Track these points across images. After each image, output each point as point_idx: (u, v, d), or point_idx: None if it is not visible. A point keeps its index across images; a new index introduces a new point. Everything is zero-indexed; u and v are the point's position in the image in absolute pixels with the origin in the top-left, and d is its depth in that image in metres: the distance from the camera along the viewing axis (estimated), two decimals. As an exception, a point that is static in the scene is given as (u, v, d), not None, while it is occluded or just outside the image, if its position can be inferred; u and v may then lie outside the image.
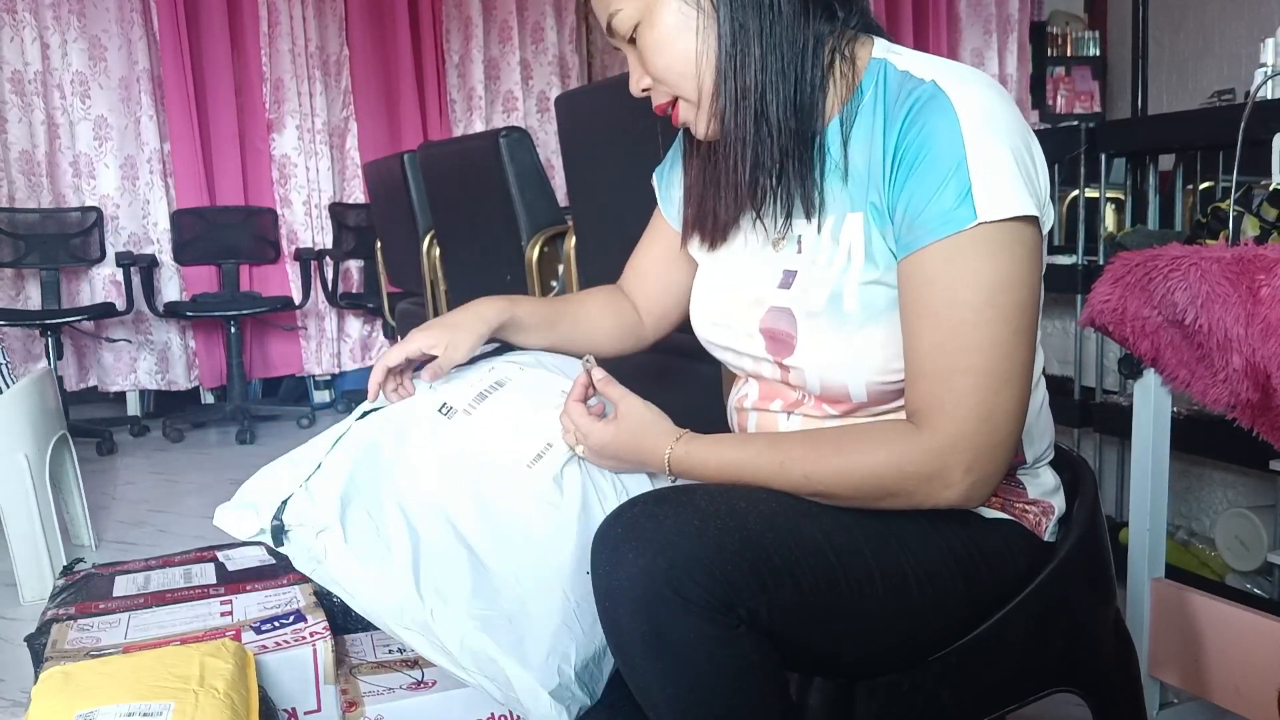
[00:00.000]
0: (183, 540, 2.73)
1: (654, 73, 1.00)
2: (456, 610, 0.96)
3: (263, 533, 1.03)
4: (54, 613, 1.67)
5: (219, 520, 1.05)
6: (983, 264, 0.88)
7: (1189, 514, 2.14)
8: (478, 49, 5.15)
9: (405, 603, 0.97)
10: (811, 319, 0.99)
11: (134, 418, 4.56)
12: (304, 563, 1.03)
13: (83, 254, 4.42)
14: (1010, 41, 5.85)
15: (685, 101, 1.00)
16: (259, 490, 1.05)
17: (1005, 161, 0.89)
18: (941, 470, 0.90)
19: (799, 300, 1.00)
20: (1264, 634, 1.35)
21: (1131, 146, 2.30)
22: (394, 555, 0.98)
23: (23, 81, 4.38)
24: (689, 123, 1.02)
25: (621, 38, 1.00)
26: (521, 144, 2.38)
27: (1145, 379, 1.46)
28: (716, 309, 1.11)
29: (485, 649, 0.95)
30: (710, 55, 0.96)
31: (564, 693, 0.94)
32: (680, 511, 0.88)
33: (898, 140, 0.93)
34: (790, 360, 1.02)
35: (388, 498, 1.02)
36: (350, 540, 0.99)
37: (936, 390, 0.90)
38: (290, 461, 1.06)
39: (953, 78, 0.92)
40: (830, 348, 0.98)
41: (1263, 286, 1.21)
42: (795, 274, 1.02)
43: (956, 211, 0.88)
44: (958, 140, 0.88)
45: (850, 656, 0.97)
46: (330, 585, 1.02)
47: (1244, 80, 2.35)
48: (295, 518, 1.01)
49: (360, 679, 1.58)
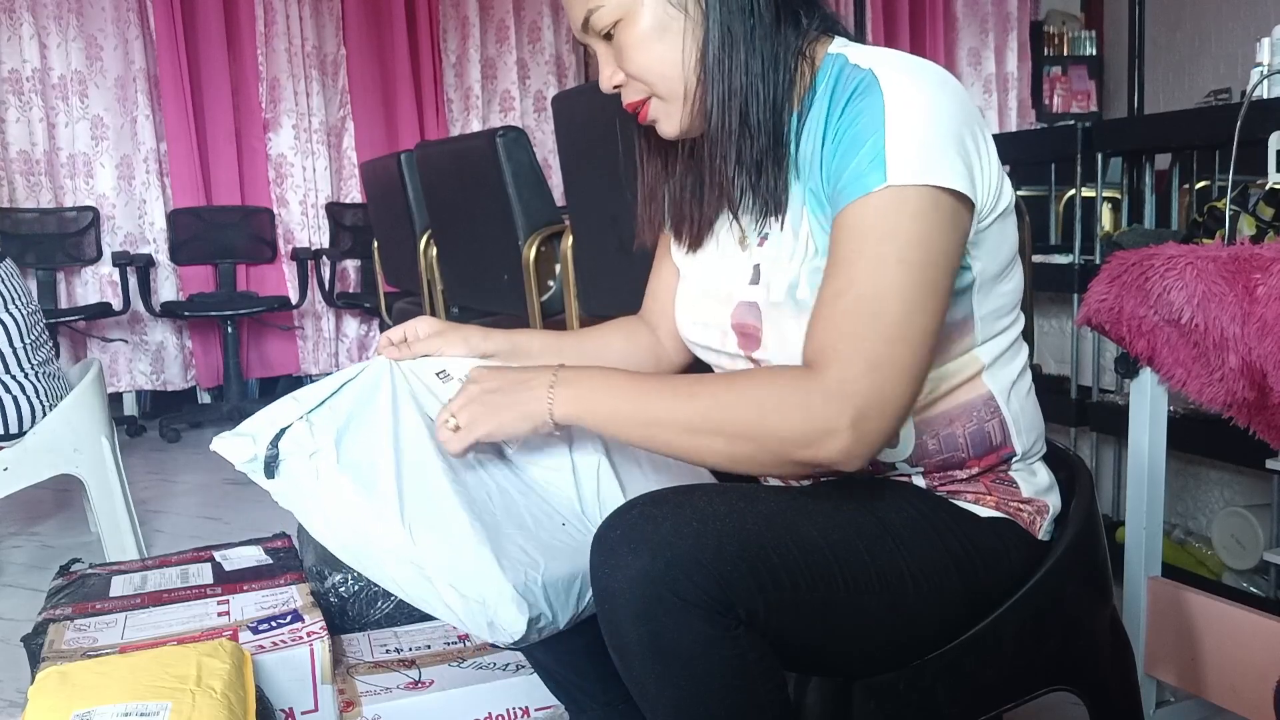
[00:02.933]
0: (180, 541, 2.73)
1: (632, 70, 1.00)
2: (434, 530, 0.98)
3: (255, 461, 1.04)
4: (51, 613, 1.67)
5: (216, 445, 1.06)
6: (893, 221, 0.89)
7: (1185, 513, 2.14)
8: (474, 48, 5.15)
9: (389, 526, 0.98)
10: (774, 309, 1.01)
11: (130, 418, 4.56)
12: (290, 496, 1.03)
13: (79, 254, 4.41)
14: (1010, 40, 5.85)
15: (658, 99, 1.01)
16: (260, 422, 1.07)
17: (928, 134, 0.90)
18: (826, 415, 0.87)
19: (763, 294, 1.02)
20: (1260, 632, 1.36)
21: (1128, 146, 2.31)
22: (380, 482, 1.00)
23: (20, 81, 4.37)
24: (658, 120, 1.03)
25: (597, 34, 1.01)
26: (518, 143, 2.38)
27: (1142, 378, 1.46)
28: (695, 309, 1.12)
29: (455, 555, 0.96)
30: (693, 57, 0.98)
31: (528, 593, 0.95)
32: (678, 513, 0.88)
33: (829, 126, 0.96)
34: (758, 354, 1.03)
35: (382, 436, 1.05)
36: (343, 463, 1.01)
37: (829, 334, 0.89)
38: (294, 398, 1.08)
39: (891, 67, 0.93)
40: (793, 336, 0.99)
41: (1259, 285, 1.21)
42: (760, 267, 1.04)
43: (869, 175, 0.90)
44: (879, 116, 0.91)
45: (847, 656, 0.98)
46: (313, 517, 1.03)
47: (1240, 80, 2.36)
48: (292, 445, 1.03)
49: (357, 679, 1.58)
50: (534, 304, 2.38)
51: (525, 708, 1.56)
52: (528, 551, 0.99)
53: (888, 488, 1.04)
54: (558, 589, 0.98)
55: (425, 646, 1.69)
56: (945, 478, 1.04)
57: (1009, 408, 1.03)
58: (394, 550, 0.98)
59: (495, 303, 2.70)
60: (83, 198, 4.47)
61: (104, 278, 4.50)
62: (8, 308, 2.40)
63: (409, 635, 1.74)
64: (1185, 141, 2.21)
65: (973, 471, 1.04)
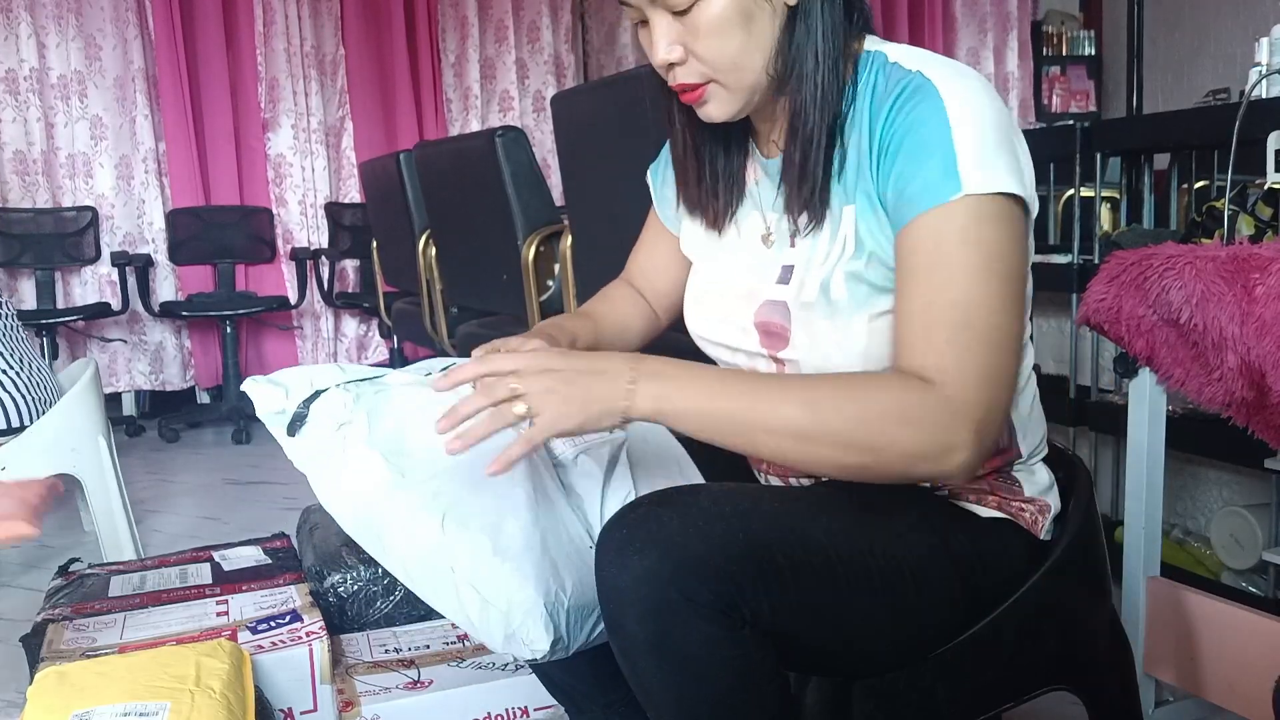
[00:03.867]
0: (178, 541, 2.73)
1: (705, 53, 0.96)
2: (468, 528, 0.94)
3: (282, 414, 0.99)
4: (49, 613, 1.67)
5: (248, 386, 1.03)
6: (973, 231, 0.89)
7: (1184, 512, 2.14)
8: (473, 48, 5.15)
9: (415, 511, 0.93)
10: (805, 310, 1.00)
11: (129, 418, 4.55)
12: (306, 458, 1.00)
13: (78, 254, 4.41)
14: (1009, 40, 5.85)
15: (718, 86, 0.98)
16: (297, 376, 1.03)
17: (990, 140, 0.90)
18: (953, 430, 0.86)
19: (795, 294, 1.01)
20: (1259, 632, 1.36)
21: (1127, 145, 2.31)
22: (415, 465, 0.96)
23: (18, 80, 4.37)
24: (708, 103, 0.99)
25: (669, 6, 0.95)
26: (517, 143, 2.39)
27: (1140, 378, 1.46)
28: (712, 306, 1.11)
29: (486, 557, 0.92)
30: (769, 46, 0.96)
31: (555, 614, 0.92)
32: (684, 512, 0.87)
33: (884, 128, 0.94)
34: (785, 353, 1.02)
35: (423, 419, 0.98)
36: (374, 440, 0.97)
37: (938, 346, 0.88)
38: (339, 367, 1.05)
39: (940, 68, 0.93)
40: (824, 337, 0.98)
41: (1257, 285, 1.21)
42: (793, 269, 1.03)
43: (943, 184, 0.89)
44: (943, 120, 0.90)
45: (848, 655, 0.98)
46: (327, 486, 0.98)
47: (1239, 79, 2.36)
48: (324, 409, 0.99)
49: (356, 679, 1.58)
50: (533, 304, 2.38)
51: (524, 707, 1.56)
52: (559, 568, 0.95)
53: (889, 488, 1.04)
54: (579, 616, 0.95)
55: (424, 646, 1.69)
56: (946, 478, 1.03)
57: (1016, 411, 1.03)
58: (415, 536, 0.94)
59: (494, 303, 2.70)
60: (81, 198, 4.46)
61: (103, 278, 4.50)
62: None
63: (408, 635, 1.74)
64: (1184, 141, 2.21)
65: (978, 474, 1.04)
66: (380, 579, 1.80)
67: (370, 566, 1.80)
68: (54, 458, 2.45)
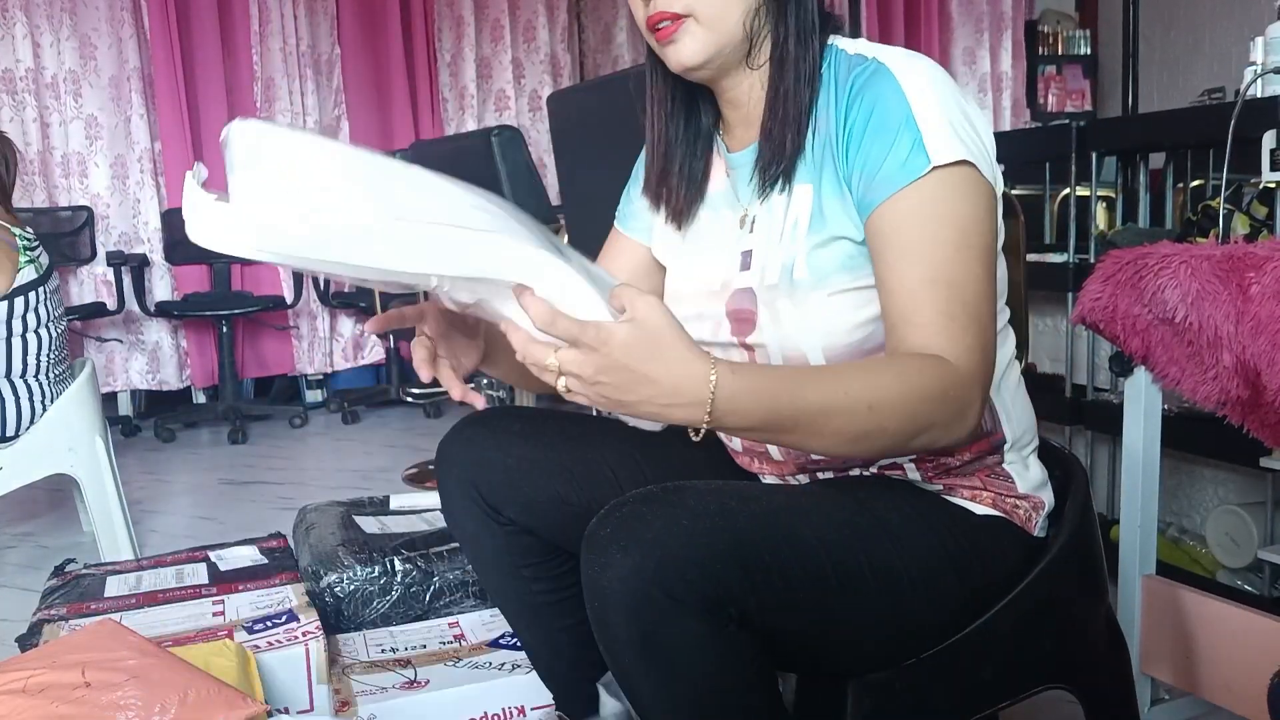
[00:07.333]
0: (175, 540, 2.73)
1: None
2: None
3: None
4: (45, 613, 1.67)
5: None
6: (949, 205, 0.93)
7: (1180, 511, 2.15)
8: (469, 48, 5.15)
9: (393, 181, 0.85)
10: (769, 293, 1.02)
11: (125, 418, 4.55)
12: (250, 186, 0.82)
13: (73, 253, 4.40)
14: (1005, 40, 5.85)
15: (695, 22, 0.99)
16: None
17: (947, 114, 0.94)
18: (967, 399, 0.91)
19: (759, 279, 1.03)
20: (1255, 630, 1.36)
21: (1122, 145, 2.31)
22: (377, 159, 0.89)
23: (13, 80, 4.36)
24: (678, 42, 1.00)
25: None
26: (513, 142, 2.39)
27: (1136, 377, 1.46)
28: (687, 305, 1.12)
29: None
30: None
31: None
32: (669, 511, 0.88)
33: (846, 111, 0.98)
34: (753, 338, 1.04)
35: None
36: None
37: (939, 323, 0.91)
38: None
39: (892, 54, 0.98)
40: (788, 317, 1.00)
41: (1253, 284, 1.22)
42: (752, 253, 1.05)
43: (912, 160, 0.93)
44: (902, 100, 0.94)
45: (841, 654, 0.98)
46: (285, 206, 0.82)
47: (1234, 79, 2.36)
48: None
49: (353, 678, 1.58)
50: (529, 303, 2.38)
51: (521, 707, 1.56)
52: None
53: (883, 485, 1.04)
54: None
55: (421, 646, 1.69)
56: (938, 466, 1.04)
57: (998, 394, 1.05)
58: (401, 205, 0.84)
59: (491, 302, 2.69)
60: (77, 197, 4.45)
61: (98, 277, 4.49)
62: (44, 325, 2.45)
63: (404, 635, 1.74)
64: (1179, 140, 2.21)
65: (964, 459, 1.04)
66: (377, 579, 1.80)
67: (367, 567, 1.80)
68: (51, 458, 2.46)
